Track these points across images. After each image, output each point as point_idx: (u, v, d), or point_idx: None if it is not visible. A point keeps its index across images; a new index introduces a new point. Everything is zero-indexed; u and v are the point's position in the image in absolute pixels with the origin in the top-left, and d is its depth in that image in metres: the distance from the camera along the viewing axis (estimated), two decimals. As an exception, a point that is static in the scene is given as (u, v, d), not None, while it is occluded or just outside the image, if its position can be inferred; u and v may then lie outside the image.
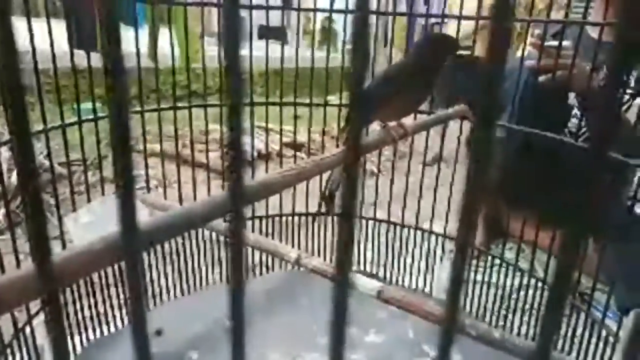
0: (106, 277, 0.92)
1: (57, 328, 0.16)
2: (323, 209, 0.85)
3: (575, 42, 0.83)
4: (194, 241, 1.05)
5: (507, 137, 1.01)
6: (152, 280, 1.00)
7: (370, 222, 1.16)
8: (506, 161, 1.12)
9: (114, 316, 0.94)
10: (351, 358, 0.84)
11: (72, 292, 0.85)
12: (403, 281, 1.16)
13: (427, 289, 1.13)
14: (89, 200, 0.84)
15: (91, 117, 0.82)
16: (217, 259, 1.09)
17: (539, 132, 0.90)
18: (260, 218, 1.10)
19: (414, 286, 1.14)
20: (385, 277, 1.17)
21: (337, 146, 1.05)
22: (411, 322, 0.93)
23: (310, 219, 1.14)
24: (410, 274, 1.15)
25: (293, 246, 1.09)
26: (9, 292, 0.27)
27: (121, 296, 0.94)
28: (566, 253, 0.14)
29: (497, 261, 1.06)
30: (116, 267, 0.93)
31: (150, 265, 0.99)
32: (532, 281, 0.97)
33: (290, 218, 1.13)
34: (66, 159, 0.81)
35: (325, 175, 0.74)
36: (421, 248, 1.13)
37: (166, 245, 1.02)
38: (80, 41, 0.88)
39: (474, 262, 1.11)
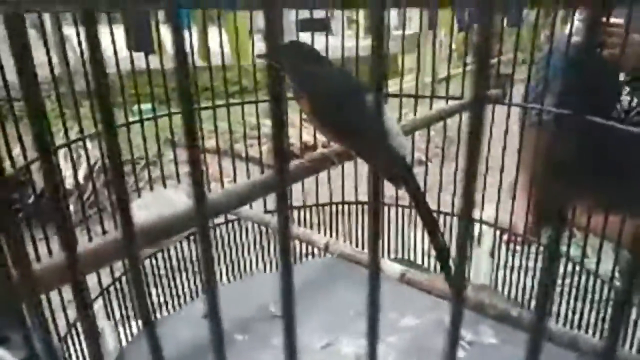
0: (157, 269, 1.00)
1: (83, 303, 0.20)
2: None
3: (626, 17, 0.79)
4: (237, 232, 1.11)
5: (556, 121, 0.97)
6: (200, 271, 1.07)
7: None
8: (555, 146, 1.08)
9: (160, 304, 1.02)
10: (387, 340, 0.86)
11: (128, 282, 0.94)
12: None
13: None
14: (139, 196, 0.92)
15: (136, 119, 0.90)
16: (261, 249, 1.14)
17: (589, 116, 0.86)
18: (298, 208, 1.15)
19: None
20: (436, 268, 1.17)
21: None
22: (448, 308, 0.93)
23: (346, 207, 1.17)
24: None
25: (331, 235, 1.12)
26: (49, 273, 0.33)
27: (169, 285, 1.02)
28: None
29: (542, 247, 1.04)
30: (161, 259, 1.01)
31: (198, 257, 1.06)
32: (577, 267, 0.95)
33: (327, 207, 1.17)
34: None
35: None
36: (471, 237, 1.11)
37: (212, 235, 1.08)
38: (138, 44, 0.95)
39: (521, 248, 1.09)
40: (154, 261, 1.02)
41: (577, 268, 0.95)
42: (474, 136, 0.16)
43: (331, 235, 1.03)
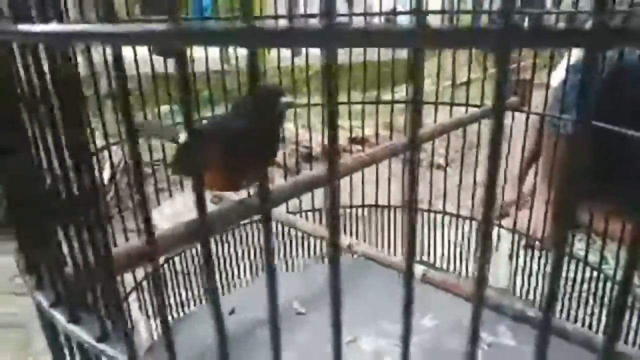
0: (186, 266, 1.04)
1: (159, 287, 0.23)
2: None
3: None
4: (261, 232, 1.15)
5: (579, 129, 0.98)
6: (226, 269, 1.11)
7: (439, 215, 1.18)
8: (578, 154, 1.09)
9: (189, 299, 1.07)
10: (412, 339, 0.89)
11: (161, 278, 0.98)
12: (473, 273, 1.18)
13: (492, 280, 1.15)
14: (170, 196, 0.96)
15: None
16: (284, 249, 1.18)
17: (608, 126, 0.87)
18: (320, 210, 1.18)
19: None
20: (454, 270, 1.19)
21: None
22: (467, 309, 0.95)
23: (365, 210, 1.20)
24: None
25: (352, 237, 1.15)
26: (124, 258, 0.37)
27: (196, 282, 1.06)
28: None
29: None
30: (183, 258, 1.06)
31: (224, 256, 1.11)
32: (595, 273, 0.96)
33: (348, 210, 1.20)
34: (150, 160, 0.93)
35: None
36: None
37: (237, 236, 1.12)
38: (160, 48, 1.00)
39: (539, 253, 1.10)
40: (177, 259, 1.06)
41: (595, 273, 0.96)
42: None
43: (352, 237, 1.06)
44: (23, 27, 0.22)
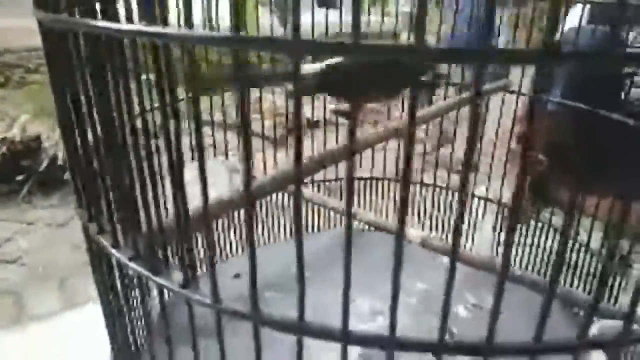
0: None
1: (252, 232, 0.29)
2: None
3: None
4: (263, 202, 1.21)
5: (559, 110, 1.05)
6: (229, 236, 1.17)
7: (417, 186, 1.26)
8: (556, 133, 1.17)
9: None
10: (402, 301, 0.97)
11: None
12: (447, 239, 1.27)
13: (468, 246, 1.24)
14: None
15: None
16: (283, 218, 1.25)
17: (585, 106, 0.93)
18: (319, 183, 1.24)
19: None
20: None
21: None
22: (458, 273, 1.04)
23: (362, 183, 1.27)
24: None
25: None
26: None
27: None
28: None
29: (540, 224, 1.15)
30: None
31: (228, 224, 1.16)
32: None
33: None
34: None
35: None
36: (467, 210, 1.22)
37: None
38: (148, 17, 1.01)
39: (521, 225, 1.19)
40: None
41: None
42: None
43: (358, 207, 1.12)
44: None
